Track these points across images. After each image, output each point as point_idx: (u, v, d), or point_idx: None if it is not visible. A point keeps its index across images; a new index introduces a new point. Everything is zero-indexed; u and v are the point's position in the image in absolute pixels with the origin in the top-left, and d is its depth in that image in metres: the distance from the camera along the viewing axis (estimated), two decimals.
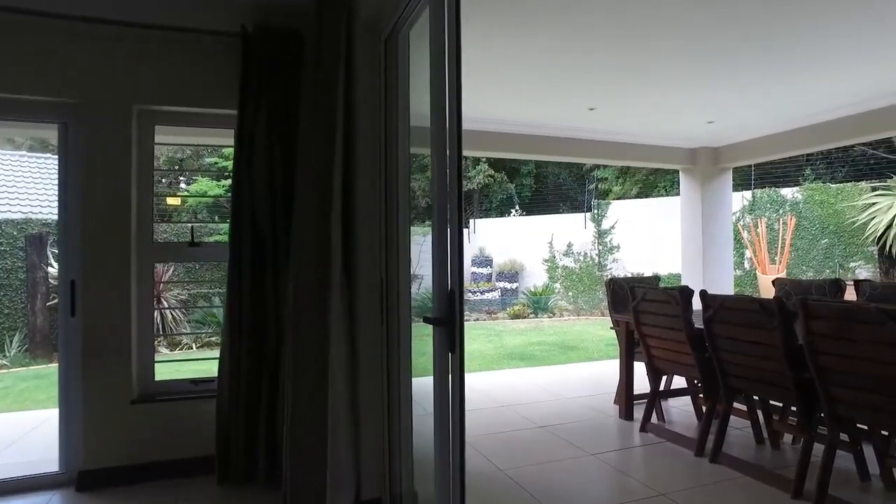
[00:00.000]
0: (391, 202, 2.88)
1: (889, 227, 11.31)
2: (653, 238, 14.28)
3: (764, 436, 4.10)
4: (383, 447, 2.91)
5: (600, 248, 15.02)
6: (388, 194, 2.89)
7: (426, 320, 2.03)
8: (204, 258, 3.79)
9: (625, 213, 14.96)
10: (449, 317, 1.89)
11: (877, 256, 12.07)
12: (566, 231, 15.74)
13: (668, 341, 4.08)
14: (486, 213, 20.01)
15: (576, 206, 17.85)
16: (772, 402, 3.86)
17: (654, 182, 17.58)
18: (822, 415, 3.10)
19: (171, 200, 12.94)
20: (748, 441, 4.18)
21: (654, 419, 4.52)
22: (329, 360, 2.60)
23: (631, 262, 14.63)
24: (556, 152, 6.96)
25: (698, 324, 3.77)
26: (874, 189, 12.16)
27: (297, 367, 2.67)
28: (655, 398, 4.45)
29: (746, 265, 13.13)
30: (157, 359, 3.57)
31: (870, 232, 11.75)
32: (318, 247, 2.70)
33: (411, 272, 2.83)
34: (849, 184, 12.76)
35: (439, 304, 1.96)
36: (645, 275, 13.86)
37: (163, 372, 3.61)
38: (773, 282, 4.97)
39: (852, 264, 12.39)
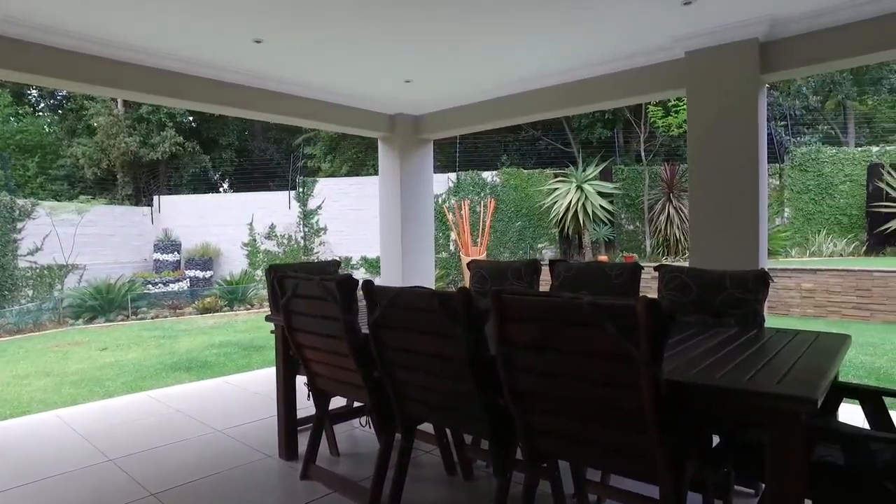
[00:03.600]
0: None
1: (567, 210, 12.37)
2: (360, 219, 13.49)
3: (456, 461, 3.20)
4: None
5: (306, 230, 13.69)
6: None
7: None
8: None
9: (333, 193, 13.89)
10: None
11: (557, 238, 13.20)
12: (270, 211, 14.01)
13: (328, 353, 2.86)
14: (176, 189, 16.97)
15: (284, 185, 16.20)
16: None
17: (364, 160, 16.90)
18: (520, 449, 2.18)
19: None
20: (438, 473, 3.23)
21: (328, 451, 3.30)
22: None
23: (339, 245, 13.64)
24: (219, 100, 5.26)
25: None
26: (556, 176, 13.25)
27: None
28: (321, 428, 3.22)
29: (452, 247, 13.22)
30: None
31: (553, 215, 12.75)
32: None
33: None
34: (537, 170, 13.74)
35: None
36: (336, 258, 13.00)
37: None
38: (469, 264, 4.19)
39: (539, 245, 13.36)
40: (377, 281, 2.89)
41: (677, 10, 3.85)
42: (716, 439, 2.35)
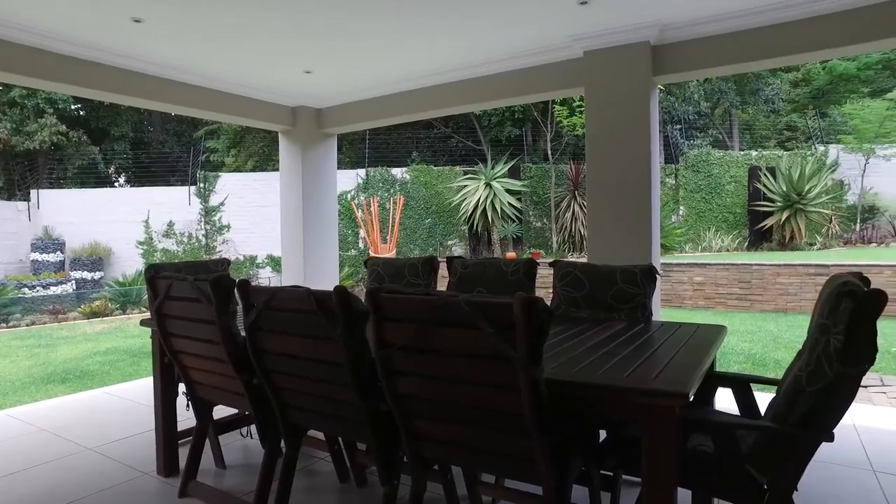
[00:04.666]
0: None
1: (476, 208, 12.48)
2: (266, 216, 12.96)
3: (350, 468, 3.06)
4: None
5: (208, 227, 12.98)
6: None
7: None
8: None
9: (237, 188, 13.25)
10: None
11: (467, 235, 13.30)
12: (169, 208, 13.16)
13: (207, 359, 2.64)
14: (59, 183, 15.59)
15: (186, 180, 15.27)
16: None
17: (270, 154, 16.26)
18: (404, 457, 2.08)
19: None
20: (331, 481, 3.08)
21: (214, 464, 3.06)
22: None
23: (244, 243, 13.04)
24: (100, 85, 4.80)
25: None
26: (466, 173, 13.34)
27: None
28: (202, 440, 2.98)
29: (361, 244, 12.98)
30: None
31: (462, 212, 12.83)
32: None
33: None
34: (447, 168, 13.77)
35: None
36: (244, 257, 12.46)
37: None
38: (366, 262, 4.05)
39: (449, 242, 13.40)
40: (278, 281, 2.70)
41: (574, 9, 3.90)
42: (613, 435, 2.37)
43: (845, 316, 1.60)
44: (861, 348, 1.61)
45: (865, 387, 4.93)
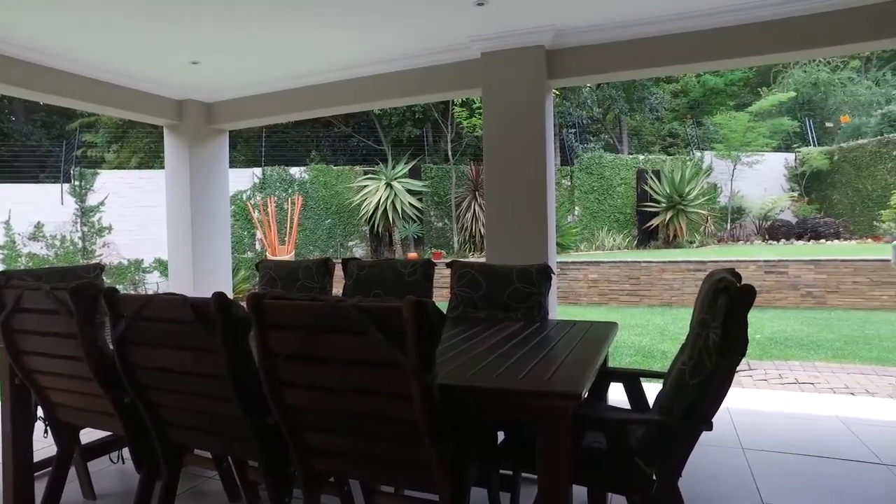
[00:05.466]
0: None
1: (377, 208, 12.34)
2: (153, 217, 12.06)
3: (240, 485, 2.85)
4: None
5: (85, 229, 11.88)
6: None
7: None
8: None
9: (119, 187, 12.23)
10: None
11: (368, 235, 13.13)
12: (37, 207, 11.89)
13: (69, 378, 2.35)
14: None
15: (57, 177, 13.89)
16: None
17: (157, 150, 15.14)
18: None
19: None
20: (219, 501, 2.87)
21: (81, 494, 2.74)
22: None
23: (128, 245, 12.07)
24: None
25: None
26: (366, 173, 13.15)
27: None
28: (65, 468, 2.66)
29: (258, 246, 12.44)
30: None
31: (363, 213, 12.63)
32: None
33: None
34: (347, 167, 13.51)
35: None
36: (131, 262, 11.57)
37: None
38: (258, 265, 3.84)
39: (350, 243, 13.16)
40: (166, 287, 2.44)
41: (471, 10, 3.91)
42: (511, 435, 2.36)
43: (722, 311, 1.68)
44: (735, 341, 1.69)
45: (736, 372, 5.36)
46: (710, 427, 1.76)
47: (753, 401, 4.26)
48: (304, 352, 1.64)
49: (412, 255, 12.52)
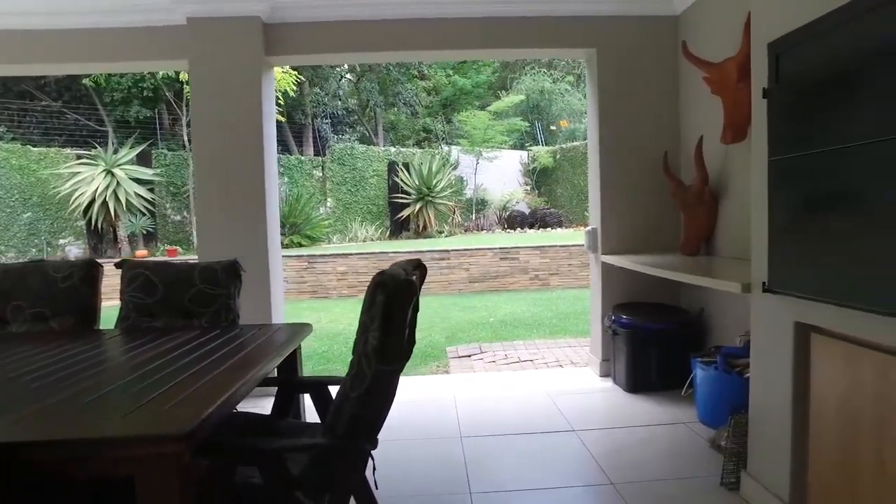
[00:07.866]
0: None
1: (93, 199, 10.47)
2: None
3: None
4: None
5: None
6: None
7: None
8: None
9: None
10: None
11: (86, 231, 11.11)
12: None
13: None
14: None
15: None
16: None
17: None
18: None
19: None
20: None
21: None
22: None
23: None
24: None
25: None
26: (79, 157, 11.07)
27: None
28: None
29: None
30: None
31: (75, 205, 10.60)
32: None
33: None
34: (53, 149, 11.22)
35: None
36: None
37: None
38: None
39: (62, 241, 11.00)
40: None
41: None
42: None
43: (379, 311, 1.46)
44: (396, 343, 1.49)
45: (469, 356, 5.55)
46: (374, 445, 1.54)
47: (478, 387, 4.38)
48: None
49: (141, 252, 10.92)
